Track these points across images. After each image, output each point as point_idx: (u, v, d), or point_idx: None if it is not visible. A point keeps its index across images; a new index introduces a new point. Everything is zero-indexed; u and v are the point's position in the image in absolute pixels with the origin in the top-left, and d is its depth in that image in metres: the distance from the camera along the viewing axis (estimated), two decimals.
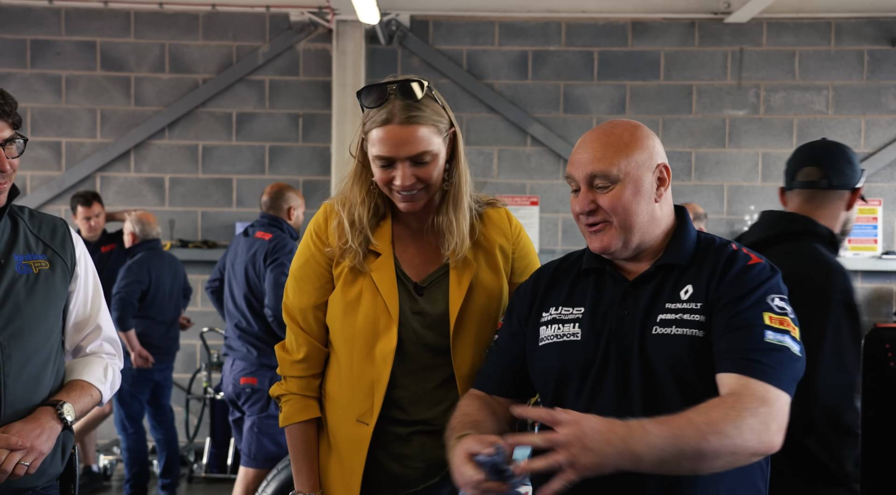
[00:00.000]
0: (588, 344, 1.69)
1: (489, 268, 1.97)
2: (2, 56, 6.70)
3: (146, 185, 6.81)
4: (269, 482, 3.57)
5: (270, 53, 6.79)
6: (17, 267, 1.90)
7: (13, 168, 1.88)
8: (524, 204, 6.91)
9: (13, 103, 1.85)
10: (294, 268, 1.99)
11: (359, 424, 1.91)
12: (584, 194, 1.68)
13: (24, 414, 1.86)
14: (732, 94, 6.89)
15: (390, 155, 1.83)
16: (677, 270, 1.68)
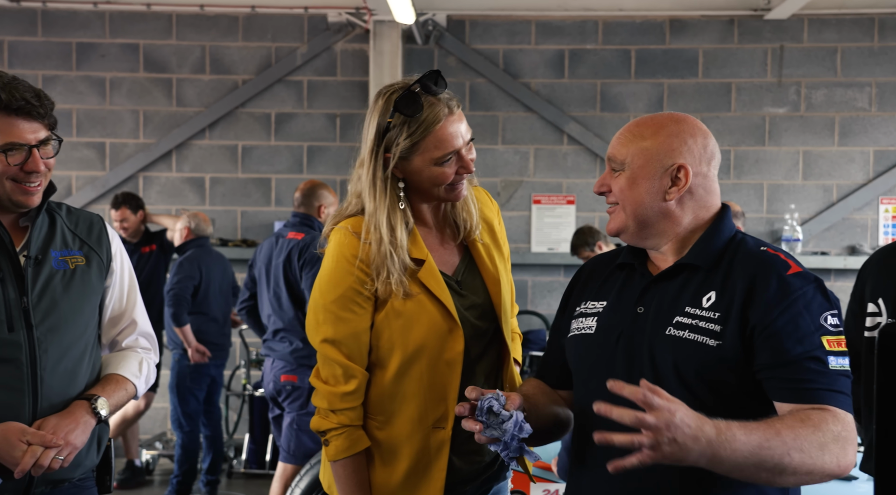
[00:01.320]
0: (600, 338, 1.70)
1: (494, 245, 2.03)
2: (48, 58, 6.85)
3: (187, 185, 6.92)
4: (302, 477, 3.62)
5: (308, 54, 6.86)
6: (54, 262, 1.95)
7: (48, 168, 1.91)
8: (560, 203, 6.90)
9: (49, 105, 1.89)
10: (329, 299, 1.89)
11: (435, 430, 1.90)
12: (603, 176, 1.72)
13: (61, 407, 1.90)
14: (772, 92, 6.82)
15: (455, 148, 1.85)
16: (702, 273, 1.64)
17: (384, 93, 1.88)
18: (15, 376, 1.86)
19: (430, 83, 1.84)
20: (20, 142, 1.84)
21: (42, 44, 6.88)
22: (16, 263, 1.90)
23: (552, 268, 6.83)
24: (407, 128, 1.83)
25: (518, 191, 6.89)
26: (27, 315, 1.88)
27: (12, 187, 1.87)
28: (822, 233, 6.84)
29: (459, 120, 1.87)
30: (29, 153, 1.85)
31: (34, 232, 1.94)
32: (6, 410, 1.85)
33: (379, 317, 1.89)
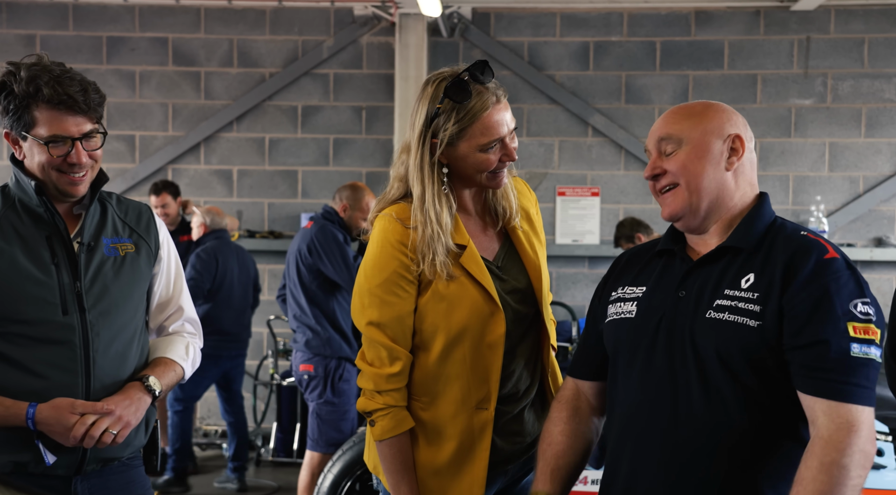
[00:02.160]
0: (640, 322, 1.72)
1: (533, 232, 2.09)
2: (80, 52, 6.96)
3: (215, 177, 7.01)
4: (335, 463, 3.68)
5: (335, 47, 6.92)
6: (105, 249, 2.02)
7: (94, 160, 1.97)
8: (585, 195, 6.92)
9: (96, 99, 1.95)
10: (374, 283, 1.95)
11: (479, 411, 1.96)
12: (653, 160, 1.72)
13: (112, 389, 1.97)
14: (798, 83, 6.79)
15: (500, 135, 1.91)
16: (743, 256, 1.66)
17: (433, 80, 1.94)
18: (69, 358, 1.93)
19: (478, 72, 1.91)
20: (64, 135, 1.90)
21: (73, 38, 6.99)
22: (70, 249, 1.97)
23: (576, 260, 6.86)
24: (455, 114, 1.89)
25: (543, 183, 6.92)
26: (80, 299, 1.95)
27: (58, 177, 1.94)
28: (849, 224, 6.81)
29: (505, 109, 1.94)
30: (72, 146, 1.92)
31: (87, 219, 2.01)
32: (61, 391, 1.91)
33: (423, 300, 1.95)
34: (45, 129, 1.90)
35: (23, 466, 1.92)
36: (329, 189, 6.74)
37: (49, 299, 1.93)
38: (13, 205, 1.98)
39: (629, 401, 1.72)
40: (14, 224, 1.96)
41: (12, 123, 1.93)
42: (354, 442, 3.72)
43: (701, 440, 1.62)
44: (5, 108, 1.92)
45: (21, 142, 1.95)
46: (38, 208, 1.97)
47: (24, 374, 1.91)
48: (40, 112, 1.89)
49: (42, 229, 1.97)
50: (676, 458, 1.64)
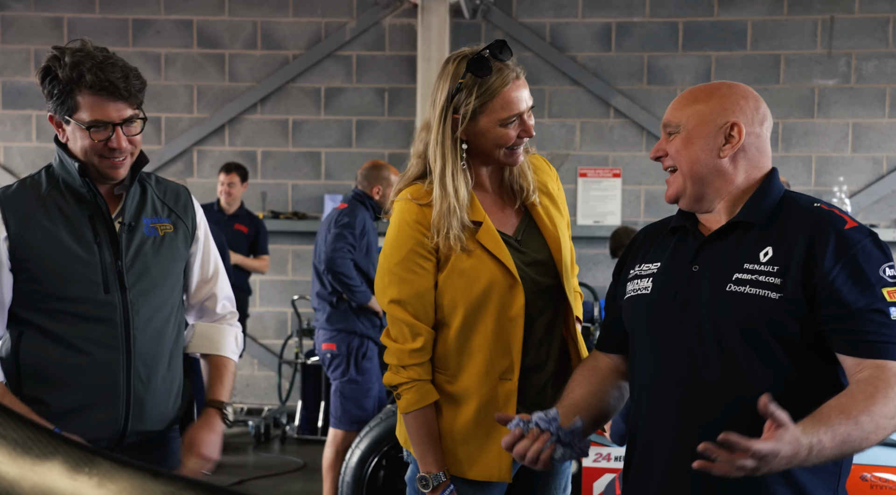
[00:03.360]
0: (656, 298, 1.77)
1: (553, 207, 2.14)
2: (106, 35, 7.03)
3: (239, 158, 7.08)
4: (362, 439, 3.75)
5: (357, 29, 6.96)
6: (145, 229, 2.08)
7: (134, 145, 2.03)
8: (606, 176, 6.94)
9: (137, 85, 2.00)
10: (393, 262, 2.02)
11: (503, 381, 2.02)
12: (659, 141, 1.79)
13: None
14: (822, 63, 6.76)
15: (519, 110, 1.98)
16: (757, 229, 1.70)
17: (454, 58, 2.00)
18: (110, 335, 2.01)
19: (498, 51, 1.97)
20: (105, 120, 1.96)
21: (100, 20, 7.07)
22: (111, 229, 2.04)
23: (598, 241, 6.89)
24: (477, 89, 1.96)
25: (564, 164, 6.94)
26: (121, 278, 2.02)
27: (99, 161, 2.00)
28: (871, 205, 6.80)
29: (524, 86, 2.01)
30: (113, 131, 1.97)
31: (128, 200, 2.07)
32: (103, 366, 2.00)
33: (441, 277, 2.02)
34: (87, 114, 1.95)
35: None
36: (352, 170, 6.80)
37: (92, 278, 2.00)
38: (57, 185, 2.05)
39: (647, 375, 1.77)
40: (58, 203, 2.03)
41: (56, 107, 1.99)
42: (381, 418, 3.79)
43: (719, 410, 1.66)
44: (49, 92, 1.98)
45: (64, 125, 2.01)
46: (81, 188, 2.03)
47: (68, 350, 1.99)
48: (83, 97, 1.94)
49: (85, 209, 2.03)
50: (694, 429, 1.68)
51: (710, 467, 1.45)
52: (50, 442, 0.72)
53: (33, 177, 2.08)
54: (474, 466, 2.04)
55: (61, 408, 1.99)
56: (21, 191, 2.04)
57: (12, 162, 7.15)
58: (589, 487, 3.16)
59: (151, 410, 2.07)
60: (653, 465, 1.76)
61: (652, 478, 1.76)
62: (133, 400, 2.03)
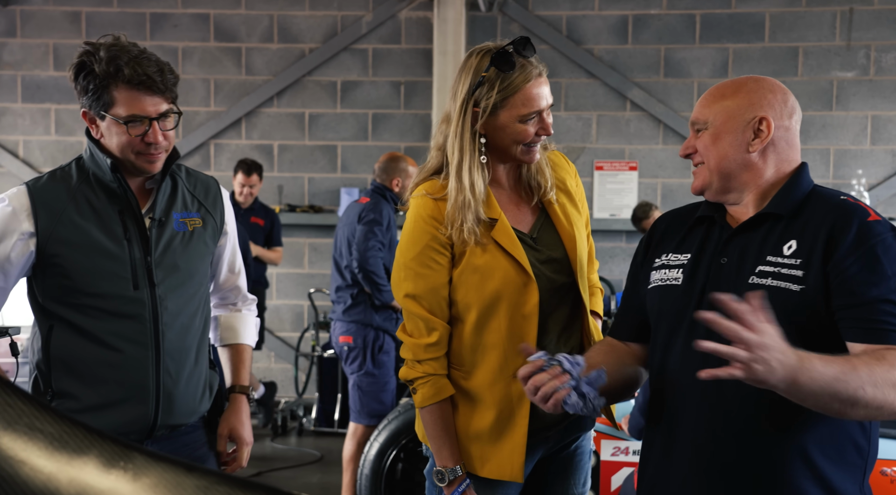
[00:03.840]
0: (686, 289, 1.76)
1: (571, 204, 2.14)
2: (123, 28, 7.04)
3: (256, 152, 7.11)
4: (380, 432, 3.77)
5: (373, 22, 6.96)
6: (175, 224, 2.09)
7: (167, 140, 2.02)
8: (623, 169, 6.92)
9: (171, 79, 2.00)
10: (409, 257, 2.03)
11: (516, 379, 1.99)
12: (688, 139, 1.79)
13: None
14: (841, 55, 6.72)
15: (539, 107, 1.98)
16: (784, 222, 1.70)
17: (478, 52, 2.00)
18: (140, 331, 2.02)
19: (521, 47, 1.98)
20: (141, 115, 1.96)
21: (117, 14, 7.10)
22: (141, 224, 2.04)
23: (614, 234, 6.88)
24: (500, 83, 1.96)
25: (580, 157, 6.93)
26: (150, 274, 2.03)
27: (135, 157, 2.00)
28: (890, 198, 6.75)
29: (545, 83, 2.01)
30: (150, 125, 1.97)
31: (159, 195, 2.08)
32: (133, 362, 2.02)
33: (456, 272, 2.03)
34: (123, 109, 1.95)
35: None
36: (368, 164, 6.81)
37: (121, 274, 2.01)
38: (87, 179, 2.04)
39: (672, 366, 1.77)
40: (88, 198, 2.02)
41: (91, 103, 1.98)
42: (399, 412, 3.80)
43: (744, 403, 1.66)
44: (84, 87, 1.97)
45: (98, 121, 2.00)
46: (111, 183, 2.03)
47: (99, 347, 2.00)
48: (119, 92, 1.94)
49: (115, 204, 2.03)
50: (719, 422, 1.68)
51: (716, 373, 1.44)
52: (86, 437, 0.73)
53: (63, 169, 2.07)
54: (487, 464, 2.04)
55: (91, 403, 2.00)
56: (51, 184, 2.03)
57: (31, 155, 7.20)
58: (607, 481, 3.17)
59: (180, 404, 2.08)
60: (675, 456, 1.76)
61: (674, 469, 1.76)
62: (162, 395, 2.05)
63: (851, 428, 1.66)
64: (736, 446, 1.67)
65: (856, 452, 1.67)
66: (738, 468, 1.67)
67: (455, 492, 2.04)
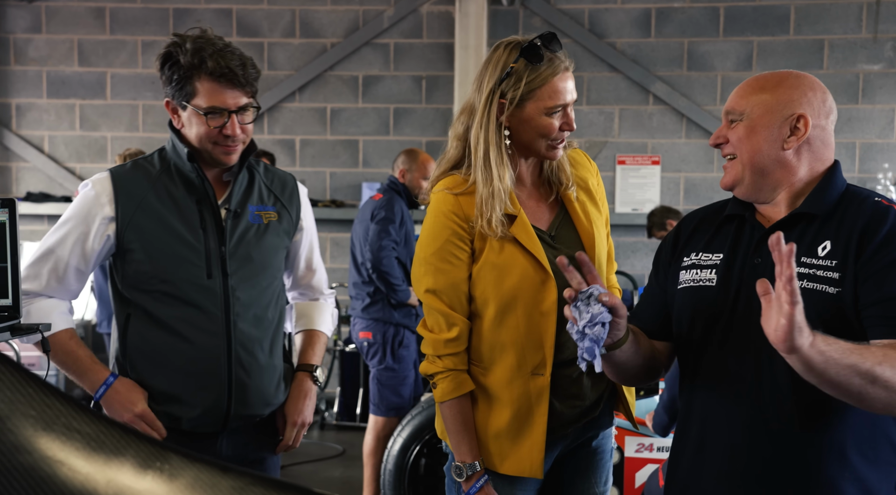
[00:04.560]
0: (721, 290, 1.73)
1: (591, 202, 2.13)
2: (147, 24, 7.11)
3: (278, 146, 7.13)
4: (404, 427, 3.78)
5: (395, 17, 6.96)
6: (250, 216, 2.11)
7: (245, 133, 2.05)
8: (645, 163, 6.88)
9: (253, 74, 2.04)
10: (429, 252, 2.03)
11: (535, 377, 2.01)
12: (720, 128, 1.75)
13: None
14: (867, 48, 6.64)
15: (565, 101, 1.98)
16: (818, 222, 1.67)
17: (505, 44, 2.01)
18: (211, 320, 2.05)
19: (548, 41, 1.98)
20: (221, 107, 1.99)
21: (141, 10, 7.14)
22: (217, 215, 2.08)
23: (636, 229, 6.85)
24: (528, 75, 1.96)
25: (602, 151, 6.90)
26: (224, 264, 2.06)
27: (213, 147, 2.03)
28: None
29: (571, 78, 2.02)
30: (228, 118, 2.00)
31: (235, 187, 2.11)
32: (204, 351, 2.05)
33: (475, 268, 2.03)
34: (204, 100, 1.98)
35: (177, 420, 2.06)
36: (389, 158, 6.81)
37: (195, 262, 2.04)
38: (168, 169, 2.09)
39: (708, 368, 1.75)
40: (168, 187, 2.07)
41: (174, 92, 2.02)
42: (423, 407, 3.81)
43: (782, 405, 1.65)
44: (169, 77, 2.01)
45: (180, 111, 2.04)
46: (190, 174, 2.07)
47: (171, 335, 2.04)
48: (202, 83, 1.98)
49: (193, 194, 2.07)
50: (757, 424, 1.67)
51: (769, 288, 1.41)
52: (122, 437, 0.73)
53: (147, 159, 2.13)
54: (506, 460, 2.04)
55: (167, 393, 2.05)
56: (134, 172, 2.09)
57: (57, 151, 7.26)
58: (631, 477, 3.16)
59: (254, 395, 2.11)
60: (708, 456, 1.74)
61: (707, 469, 1.74)
62: (235, 385, 2.07)
63: (888, 426, 1.65)
64: (772, 446, 1.66)
65: (892, 451, 1.65)
66: (775, 468, 1.66)
67: (473, 488, 2.04)
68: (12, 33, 7.24)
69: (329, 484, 5.15)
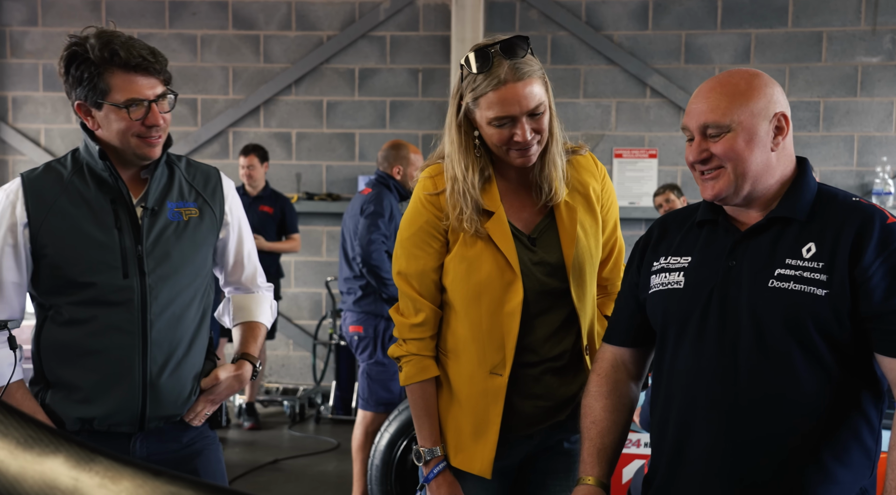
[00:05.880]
0: (690, 293, 1.71)
1: (587, 211, 2.07)
2: (143, 17, 7.09)
3: (274, 140, 7.12)
4: (391, 422, 3.77)
5: (391, 9, 6.93)
6: (169, 214, 2.08)
7: (165, 122, 2.03)
8: (642, 157, 6.86)
9: (164, 61, 2.01)
10: (405, 236, 2.05)
11: (493, 376, 2.00)
12: (697, 143, 1.68)
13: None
14: (866, 40, 6.60)
15: (509, 113, 1.88)
16: (796, 225, 1.65)
17: (475, 46, 1.96)
18: (127, 319, 2.01)
19: (510, 46, 1.89)
20: (140, 98, 1.96)
21: (137, 3, 7.11)
22: (133, 214, 2.04)
23: (633, 223, 6.83)
24: (472, 81, 1.91)
25: (599, 145, 6.87)
26: (141, 263, 2.03)
27: (137, 142, 2.00)
28: None
29: (524, 88, 1.89)
30: (148, 108, 1.97)
31: (152, 184, 2.07)
32: (119, 350, 2.01)
33: (448, 258, 2.03)
34: (121, 94, 1.95)
35: (89, 422, 2.02)
36: None
37: (111, 263, 2.00)
38: (80, 170, 2.05)
39: (682, 371, 1.73)
40: (80, 188, 2.03)
41: (86, 93, 1.97)
42: None
43: (762, 407, 1.63)
44: (78, 78, 1.96)
45: (95, 111, 2.00)
46: (103, 172, 2.03)
47: (86, 336, 2.00)
48: (115, 77, 1.94)
49: (107, 193, 2.03)
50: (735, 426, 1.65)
51: None
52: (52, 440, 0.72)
53: (59, 161, 2.09)
54: (459, 454, 2.05)
55: (81, 393, 2.01)
56: (45, 175, 2.05)
57: (53, 144, 7.26)
58: (618, 473, 3.15)
59: (169, 395, 2.07)
60: (686, 462, 1.72)
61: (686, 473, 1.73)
62: (149, 384, 2.04)
63: (861, 430, 1.64)
64: (749, 450, 1.64)
65: (865, 455, 1.64)
66: (752, 473, 1.64)
67: (431, 473, 2.05)
68: (8, 26, 7.23)
69: (323, 477, 5.15)
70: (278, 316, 6.49)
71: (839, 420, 1.61)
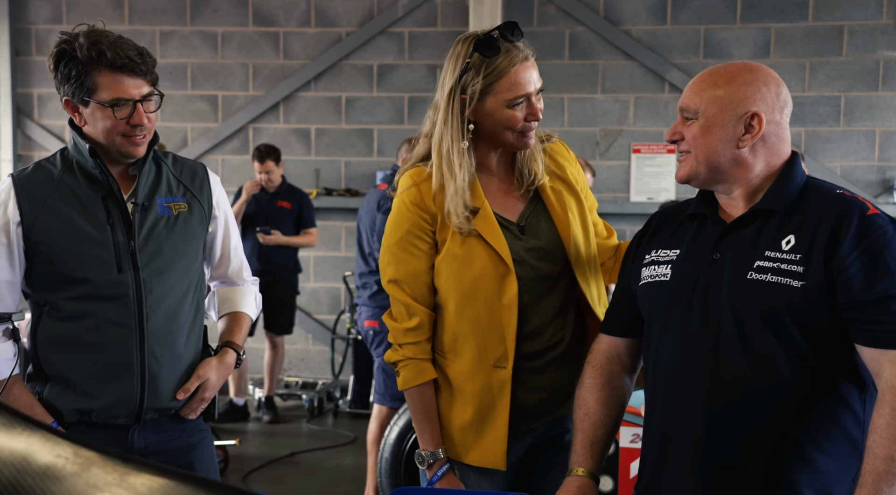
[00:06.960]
0: (675, 285, 1.74)
1: (569, 192, 2.11)
2: (165, 14, 7.17)
3: (294, 136, 7.17)
4: (400, 415, 3.81)
5: (410, 5, 6.95)
6: (159, 209, 2.12)
7: (151, 122, 2.06)
8: (661, 152, 6.83)
9: (151, 62, 2.04)
10: (391, 241, 2.06)
11: (496, 369, 2.02)
12: (676, 123, 1.74)
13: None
14: (888, 34, 6.53)
15: (526, 92, 1.95)
16: (778, 217, 1.67)
17: (464, 38, 2.00)
18: (123, 314, 2.06)
19: (508, 31, 1.96)
20: (125, 98, 2.00)
21: (159, 0, 7.19)
22: (124, 210, 2.08)
23: None
24: (484, 68, 1.94)
25: (617, 140, 6.86)
26: (134, 257, 2.07)
27: (122, 140, 2.04)
28: None
29: (533, 67, 1.99)
30: (134, 108, 2.01)
31: (141, 180, 2.11)
32: (117, 344, 2.06)
33: (438, 259, 2.04)
34: (107, 93, 1.99)
35: (87, 414, 2.06)
36: None
37: (105, 258, 2.04)
38: (71, 168, 2.09)
39: (666, 363, 1.76)
40: (71, 186, 2.07)
41: (74, 90, 2.01)
42: None
43: (742, 399, 1.65)
44: (66, 75, 2.00)
45: (82, 108, 2.04)
46: (93, 170, 2.07)
47: (83, 330, 2.05)
48: (102, 76, 1.98)
49: (97, 190, 2.07)
50: (717, 419, 1.67)
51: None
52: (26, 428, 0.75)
53: (48, 160, 2.13)
54: (470, 451, 2.06)
55: (78, 386, 2.05)
56: (36, 174, 2.08)
57: None
58: (626, 467, 3.16)
59: (166, 387, 2.11)
60: (671, 455, 1.75)
61: (669, 468, 1.75)
62: (147, 377, 2.08)
63: (845, 419, 1.65)
64: (734, 443, 1.66)
65: (850, 446, 1.65)
66: (737, 465, 1.66)
67: (435, 476, 2.06)
68: (34, 24, 7.33)
69: (339, 470, 5.20)
70: (296, 310, 6.58)
71: (821, 410, 1.63)
